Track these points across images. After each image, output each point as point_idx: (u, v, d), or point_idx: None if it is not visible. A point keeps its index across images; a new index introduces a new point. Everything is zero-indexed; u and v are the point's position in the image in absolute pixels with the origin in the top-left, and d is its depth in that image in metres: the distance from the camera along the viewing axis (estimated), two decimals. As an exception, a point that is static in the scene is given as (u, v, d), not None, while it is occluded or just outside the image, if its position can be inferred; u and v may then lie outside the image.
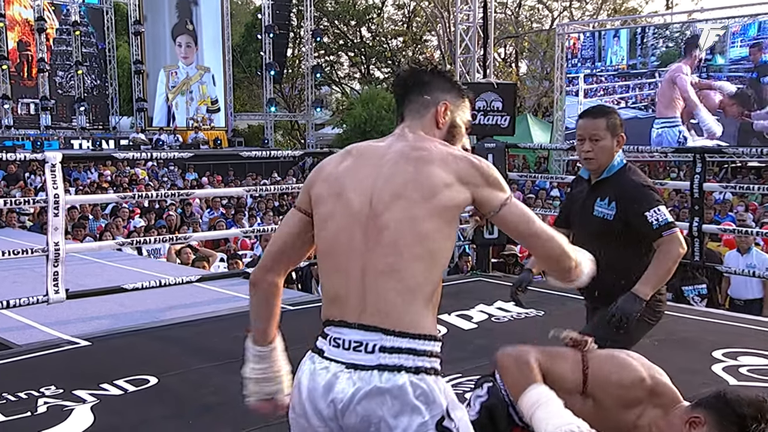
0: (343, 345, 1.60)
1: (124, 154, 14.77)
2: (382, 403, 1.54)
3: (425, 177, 1.63)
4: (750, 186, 12.57)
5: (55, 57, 24.59)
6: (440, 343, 1.62)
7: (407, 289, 1.59)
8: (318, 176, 1.76)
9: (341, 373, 1.58)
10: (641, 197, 2.69)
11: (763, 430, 1.76)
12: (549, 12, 31.74)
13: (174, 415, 3.47)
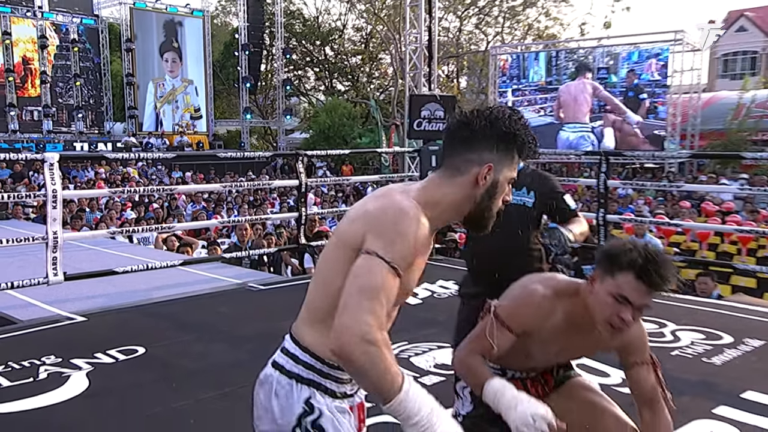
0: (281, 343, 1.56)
1: (115, 154, 14.53)
2: (259, 391, 1.51)
3: (354, 215, 1.48)
4: (645, 183, 12.97)
5: (56, 70, 24.16)
6: (326, 366, 1.45)
7: (312, 311, 1.49)
8: None
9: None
10: (556, 184, 2.74)
11: (633, 257, 1.73)
12: (484, 36, 31.99)
13: (160, 379, 3.45)
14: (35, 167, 15.66)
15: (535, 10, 31.07)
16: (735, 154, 14.89)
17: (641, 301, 1.73)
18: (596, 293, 1.80)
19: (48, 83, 23.42)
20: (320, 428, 1.42)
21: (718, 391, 3.22)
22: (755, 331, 4.18)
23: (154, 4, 25.23)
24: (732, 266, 7.18)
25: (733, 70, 28.77)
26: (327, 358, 1.44)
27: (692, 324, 4.34)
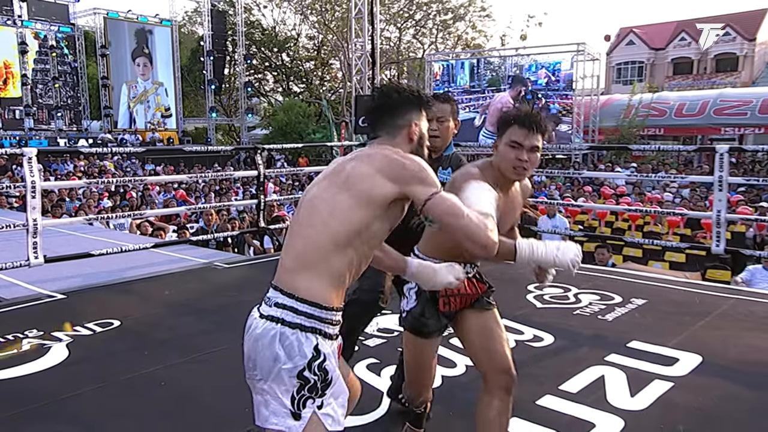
0: (265, 300, 1.52)
1: (89, 149, 13.97)
2: (255, 345, 1.46)
3: (354, 171, 1.52)
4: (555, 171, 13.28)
5: (36, 73, 23.10)
6: (333, 312, 1.47)
7: (304, 260, 1.46)
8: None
9: (254, 320, 1.51)
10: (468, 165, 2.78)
11: (512, 113, 1.92)
12: (421, 45, 32.02)
13: (133, 348, 3.35)
14: (18, 161, 14.93)
15: (463, 24, 31.36)
16: (624, 147, 15.44)
17: (528, 142, 1.88)
18: (499, 151, 1.94)
19: (28, 85, 22.47)
20: (324, 370, 1.43)
21: (609, 341, 3.34)
22: (640, 291, 4.34)
23: (126, 14, 24.24)
24: (623, 240, 7.44)
25: (625, 77, 29.73)
26: (324, 302, 1.45)
27: (591, 288, 4.47)
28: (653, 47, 29.67)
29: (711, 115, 20.26)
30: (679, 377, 2.84)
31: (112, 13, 23.81)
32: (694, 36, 28.89)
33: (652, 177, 10.73)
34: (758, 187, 10.81)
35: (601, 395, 2.66)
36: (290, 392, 1.42)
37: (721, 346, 3.23)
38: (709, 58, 28.87)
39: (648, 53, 29.71)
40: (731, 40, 27.97)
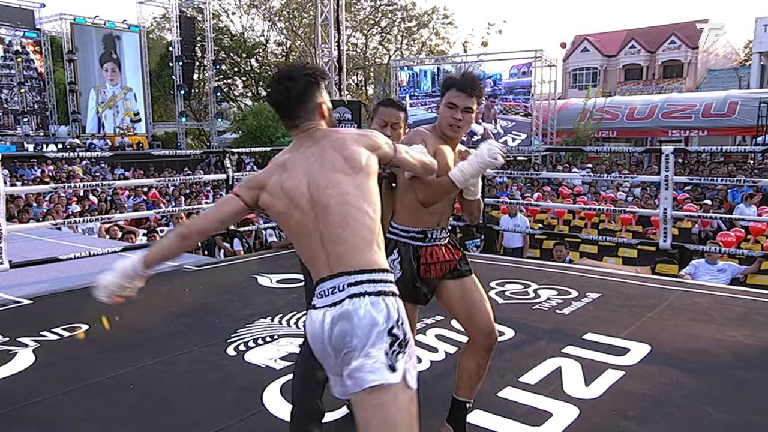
0: (324, 294, 1.54)
1: (55, 154, 13.55)
2: (349, 323, 1.49)
3: (351, 155, 1.60)
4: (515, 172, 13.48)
5: (0, 78, 22.17)
6: (390, 274, 1.58)
7: (362, 239, 1.55)
8: (265, 184, 1.63)
9: (326, 313, 1.52)
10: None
11: (452, 77, 2.08)
12: (387, 51, 32.12)
13: (102, 351, 3.26)
14: (-18, 167, 14.38)
15: (427, 31, 31.58)
16: (578, 149, 15.83)
17: (463, 103, 2.04)
18: (440, 111, 2.11)
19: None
20: (404, 328, 1.54)
21: (566, 334, 3.41)
22: (595, 286, 4.44)
23: (93, 20, 23.58)
24: (580, 237, 7.61)
25: (580, 82, 30.40)
26: (387, 267, 1.59)
27: (549, 283, 4.56)
28: (606, 54, 30.42)
29: (659, 118, 20.91)
30: (630, 366, 2.92)
31: (79, 19, 23.15)
32: (642, 44, 29.73)
33: (606, 177, 10.99)
34: (702, 186, 11.19)
35: (558, 385, 2.72)
36: (384, 349, 1.49)
37: (668, 336, 3.33)
38: (656, 65, 29.76)
39: (601, 60, 30.44)
40: (677, 48, 28.89)
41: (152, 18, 31.48)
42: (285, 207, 1.60)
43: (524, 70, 19.20)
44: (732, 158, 16.74)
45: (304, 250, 1.62)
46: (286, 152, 1.68)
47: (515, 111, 19.35)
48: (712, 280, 5.26)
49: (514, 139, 19.29)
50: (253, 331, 3.51)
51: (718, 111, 19.86)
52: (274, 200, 1.62)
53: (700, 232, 8.37)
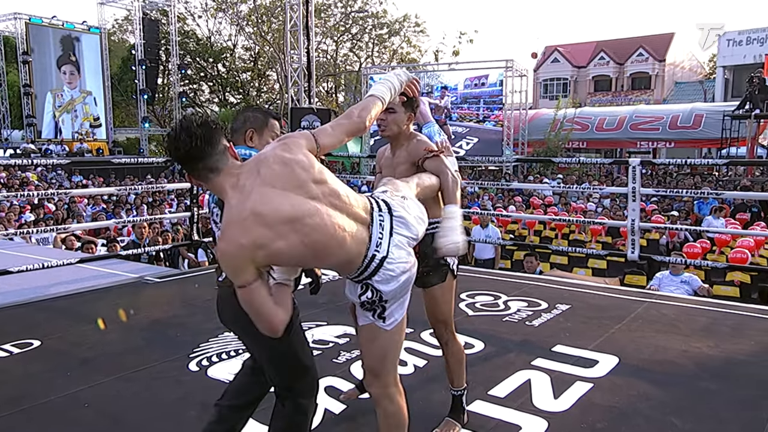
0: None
1: (7, 160, 13.14)
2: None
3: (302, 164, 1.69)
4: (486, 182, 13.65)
5: (-52, 79, 21.36)
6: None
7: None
8: (257, 244, 1.55)
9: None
10: None
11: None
12: (358, 58, 32.29)
13: (54, 368, 3.16)
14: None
15: (398, 38, 31.88)
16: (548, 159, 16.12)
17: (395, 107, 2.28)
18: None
19: (-60, 92, 20.72)
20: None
21: (535, 346, 3.45)
22: (564, 298, 4.51)
23: (50, 20, 23.02)
24: (550, 248, 7.73)
25: (551, 93, 31.06)
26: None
27: (520, 295, 4.61)
28: (576, 65, 31.18)
29: (628, 129, 21.49)
30: (598, 378, 2.98)
31: (34, 19, 22.56)
32: (611, 56, 30.58)
33: (576, 188, 11.23)
34: (669, 197, 11.53)
35: (527, 398, 2.75)
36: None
37: (636, 348, 3.41)
38: (625, 77, 30.63)
39: (571, 70, 31.18)
40: (645, 60, 29.80)
41: (114, 20, 31.00)
42: (294, 234, 1.58)
43: (476, 81, 20.45)
44: (698, 170, 17.30)
45: (336, 253, 1.69)
46: (232, 207, 1.60)
47: (469, 118, 20.63)
48: (676, 291, 5.41)
49: (468, 143, 20.35)
50: (217, 346, 3.45)
51: (684, 123, 20.54)
52: (274, 244, 1.57)
53: (668, 243, 8.61)
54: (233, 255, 1.55)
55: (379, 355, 1.88)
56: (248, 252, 1.54)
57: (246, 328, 1.92)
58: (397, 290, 1.80)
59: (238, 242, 1.54)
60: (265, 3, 28.55)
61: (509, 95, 19.97)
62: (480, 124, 20.41)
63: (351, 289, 1.87)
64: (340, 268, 1.75)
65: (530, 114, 22.34)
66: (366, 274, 1.75)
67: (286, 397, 2.00)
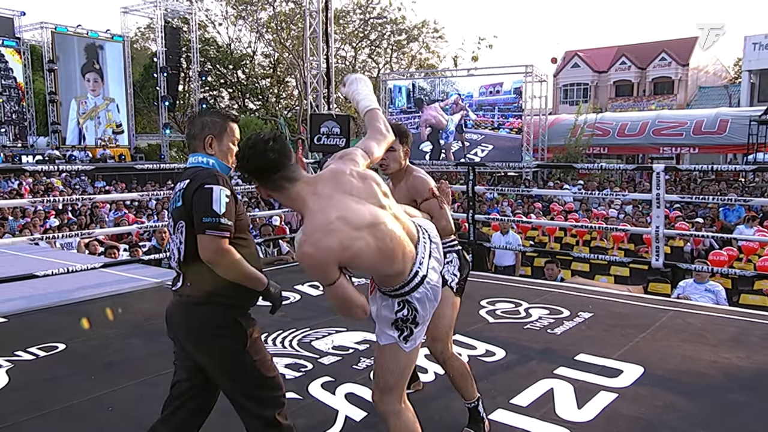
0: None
1: (34, 166, 13.41)
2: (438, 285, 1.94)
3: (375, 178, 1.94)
4: (506, 188, 13.56)
5: (-23, 88, 21.97)
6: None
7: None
8: (343, 246, 1.70)
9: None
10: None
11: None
12: (376, 64, 32.42)
13: (79, 372, 3.22)
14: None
15: (417, 44, 31.92)
16: (569, 165, 15.97)
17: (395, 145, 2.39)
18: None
19: (-31, 100, 21.31)
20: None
21: (558, 355, 3.41)
22: (587, 306, 4.45)
23: (75, 29, 23.55)
24: (571, 255, 7.65)
25: (571, 98, 30.81)
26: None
27: (541, 302, 4.57)
28: (596, 70, 30.90)
29: (650, 135, 21.19)
30: (623, 388, 2.93)
31: (60, 28, 23.11)
32: (633, 60, 30.25)
33: (598, 194, 11.08)
34: (694, 204, 11.33)
35: (550, 408, 2.72)
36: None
37: (661, 357, 3.35)
38: (647, 82, 30.26)
39: (592, 75, 30.90)
40: (667, 65, 29.42)
41: (136, 28, 31.57)
42: (371, 237, 1.73)
43: (491, 89, 20.43)
44: (723, 176, 17.00)
45: (397, 259, 1.81)
46: (315, 214, 1.73)
47: (484, 125, 20.63)
48: (700, 300, 5.30)
49: (483, 150, 20.34)
50: (237, 351, 3.47)
51: (708, 128, 20.19)
52: (355, 245, 1.71)
53: (692, 250, 8.46)
54: (322, 259, 1.68)
55: (397, 372, 1.94)
56: (337, 253, 1.68)
57: (200, 342, 1.92)
58: (428, 314, 1.91)
59: (327, 246, 1.67)
60: (285, 10, 28.84)
61: (529, 101, 19.87)
62: (495, 131, 20.42)
63: (384, 306, 1.91)
64: (393, 277, 1.84)
65: (550, 119, 22.17)
66: (408, 288, 1.85)
67: (250, 413, 1.94)
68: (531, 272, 8.16)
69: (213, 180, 1.88)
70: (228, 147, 2.04)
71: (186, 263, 1.93)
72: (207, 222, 1.82)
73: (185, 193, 1.91)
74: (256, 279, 1.93)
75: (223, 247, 1.83)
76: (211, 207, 1.83)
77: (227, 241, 1.85)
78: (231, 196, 1.89)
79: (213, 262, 1.83)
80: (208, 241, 1.82)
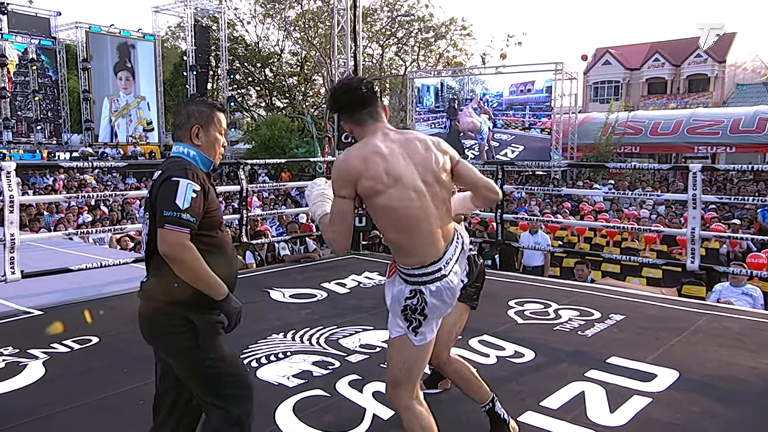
0: (448, 262, 1.93)
1: (69, 163, 13.76)
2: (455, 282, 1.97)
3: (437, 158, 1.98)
4: (535, 188, 13.41)
5: (15, 86, 22.67)
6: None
7: (449, 219, 1.98)
8: (360, 175, 1.85)
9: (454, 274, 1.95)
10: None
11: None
12: (403, 62, 32.35)
13: (112, 365, 3.29)
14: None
15: (444, 42, 31.75)
16: (601, 164, 15.71)
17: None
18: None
19: (7, 98, 22.02)
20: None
21: (589, 357, 3.36)
22: (618, 307, 4.39)
23: (108, 28, 24.11)
24: (602, 255, 7.52)
25: (602, 96, 30.27)
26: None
27: (571, 304, 4.51)
28: (628, 67, 30.30)
29: (685, 133, 20.68)
30: (657, 393, 2.87)
31: (94, 27, 23.67)
32: (667, 57, 29.58)
33: (631, 194, 10.85)
34: (730, 205, 11.03)
35: (581, 411, 2.68)
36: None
37: (697, 362, 3.27)
38: (681, 79, 29.55)
39: (623, 73, 30.32)
40: (703, 62, 28.68)
41: (167, 27, 32.10)
42: (394, 188, 1.85)
43: (522, 88, 19.96)
44: (762, 176, 16.50)
45: (416, 233, 1.87)
46: (372, 144, 1.90)
47: (514, 125, 20.20)
48: (737, 304, 5.15)
49: (513, 150, 19.94)
50: (266, 347, 3.51)
51: (747, 127, 19.60)
52: (377, 185, 1.84)
53: (728, 252, 8.23)
54: (345, 170, 1.86)
55: (406, 366, 1.97)
56: (359, 174, 1.84)
57: (168, 345, 1.93)
58: (437, 311, 1.94)
59: (355, 164, 1.86)
60: (313, 8, 28.99)
61: (558, 99, 19.59)
62: (526, 131, 19.97)
63: (397, 292, 1.94)
64: (408, 253, 1.89)
65: (580, 118, 21.83)
66: (425, 277, 1.88)
67: (215, 407, 1.91)
68: (560, 273, 8.06)
69: (182, 173, 1.82)
70: (215, 137, 1.99)
71: (147, 257, 1.91)
72: (167, 216, 1.76)
73: (153, 185, 1.88)
74: (212, 285, 1.84)
75: (181, 243, 1.76)
76: (174, 200, 1.77)
77: (187, 238, 1.77)
78: (200, 192, 1.82)
79: (169, 258, 1.77)
80: (166, 234, 1.76)
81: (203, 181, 1.88)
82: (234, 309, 1.91)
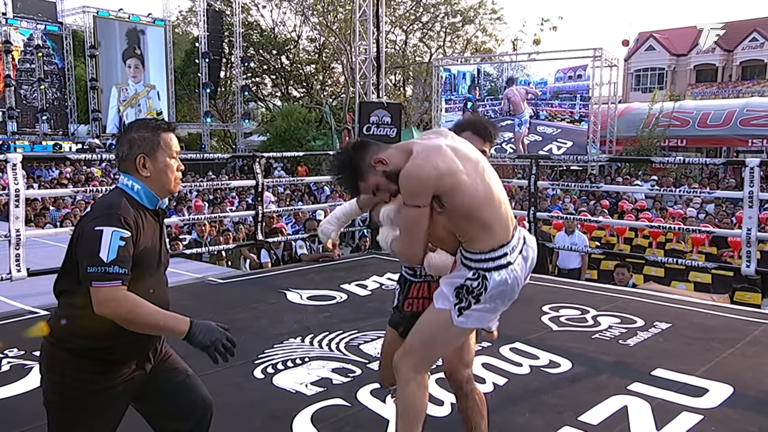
0: (512, 250, 1.97)
1: (77, 155, 14.00)
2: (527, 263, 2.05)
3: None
4: (570, 184, 13.26)
5: (20, 74, 23.16)
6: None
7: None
8: (442, 172, 1.86)
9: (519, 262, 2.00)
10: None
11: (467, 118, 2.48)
12: (428, 48, 32.25)
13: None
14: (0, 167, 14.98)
15: (473, 27, 31.55)
16: (646, 159, 15.47)
17: (480, 147, 2.22)
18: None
19: (12, 86, 22.47)
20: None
21: (632, 369, 3.30)
22: (663, 315, 4.31)
23: (117, 13, 24.47)
24: (644, 258, 7.40)
25: (644, 84, 29.82)
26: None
27: (610, 310, 4.45)
28: (674, 53, 29.77)
29: (737, 125, 20.22)
30: (709, 409, 2.80)
31: (102, 12, 24.06)
32: (718, 42, 28.99)
33: (678, 191, 10.63)
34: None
35: (624, 428, 2.63)
36: None
37: (754, 376, 3.19)
38: (734, 65, 28.95)
39: (669, 59, 29.81)
40: (759, 46, 28.02)
41: (178, 11, 32.53)
42: (474, 173, 1.91)
43: (570, 74, 19.00)
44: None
45: (499, 209, 1.94)
46: (423, 145, 1.94)
47: (561, 117, 19.23)
48: (799, 312, 5.02)
49: (560, 147, 19.13)
50: (283, 353, 3.52)
51: (808, 118, 19.14)
52: (460, 175, 1.88)
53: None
54: (426, 174, 1.83)
55: (430, 339, 2.00)
56: (440, 174, 1.84)
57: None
58: (491, 302, 1.94)
59: (435, 163, 1.84)
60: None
61: (596, 87, 19.29)
62: (575, 124, 18.70)
63: (458, 274, 1.96)
64: (483, 233, 1.92)
65: (620, 108, 21.51)
66: (491, 263, 1.93)
67: None
68: (597, 276, 7.95)
69: (106, 220, 1.68)
70: (165, 163, 1.82)
71: (55, 292, 1.87)
72: (91, 272, 1.65)
73: (80, 221, 1.79)
74: (169, 326, 1.72)
75: (111, 298, 1.65)
76: (98, 254, 1.64)
77: (119, 290, 1.66)
78: (128, 238, 1.68)
79: (107, 315, 1.67)
80: (94, 293, 1.66)
81: (135, 222, 1.74)
82: (207, 339, 1.73)
